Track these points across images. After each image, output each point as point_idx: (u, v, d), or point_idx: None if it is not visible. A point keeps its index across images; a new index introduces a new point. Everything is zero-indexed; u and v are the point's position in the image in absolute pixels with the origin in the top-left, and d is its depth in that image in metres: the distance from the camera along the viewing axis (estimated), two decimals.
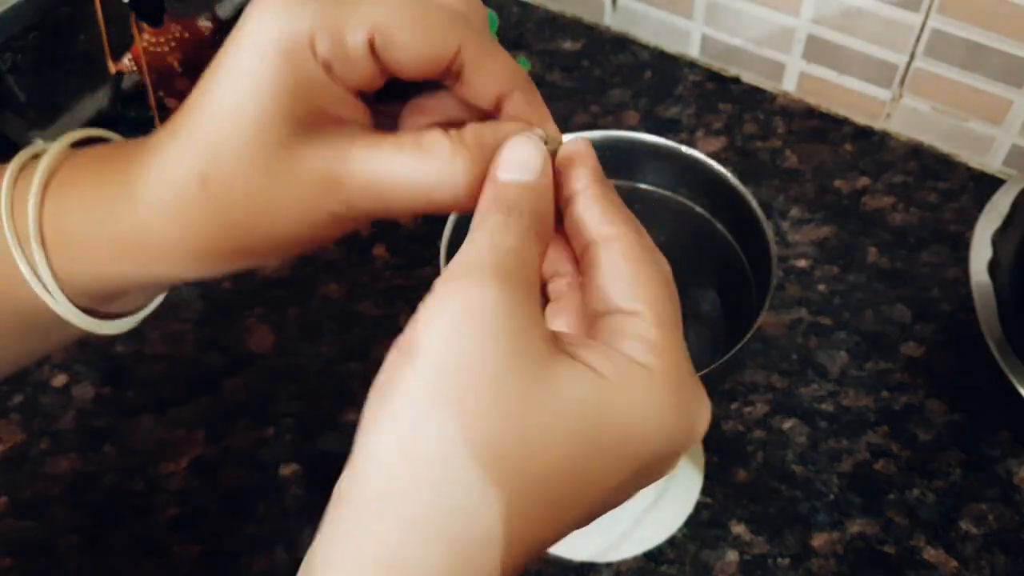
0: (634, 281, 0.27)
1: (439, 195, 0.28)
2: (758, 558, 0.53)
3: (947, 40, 0.64)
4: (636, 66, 0.77)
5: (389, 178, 0.27)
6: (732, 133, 0.72)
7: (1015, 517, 0.54)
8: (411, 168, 0.27)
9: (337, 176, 0.27)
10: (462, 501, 0.23)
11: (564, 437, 0.24)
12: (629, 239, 0.27)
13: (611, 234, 0.28)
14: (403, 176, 0.27)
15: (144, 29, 0.64)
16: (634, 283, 0.27)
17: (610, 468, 0.25)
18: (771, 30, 0.71)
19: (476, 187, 0.28)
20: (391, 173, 0.27)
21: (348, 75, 0.27)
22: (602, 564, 0.52)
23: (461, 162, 0.27)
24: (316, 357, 0.61)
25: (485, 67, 0.28)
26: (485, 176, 0.28)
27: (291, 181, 0.27)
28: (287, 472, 0.56)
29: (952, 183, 0.69)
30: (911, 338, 0.61)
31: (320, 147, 0.27)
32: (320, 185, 0.27)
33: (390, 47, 0.27)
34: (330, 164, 0.27)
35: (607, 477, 0.25)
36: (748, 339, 0.40)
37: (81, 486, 0.56)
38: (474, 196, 0.28)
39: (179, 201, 0.28)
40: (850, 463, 0.56)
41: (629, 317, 0.27)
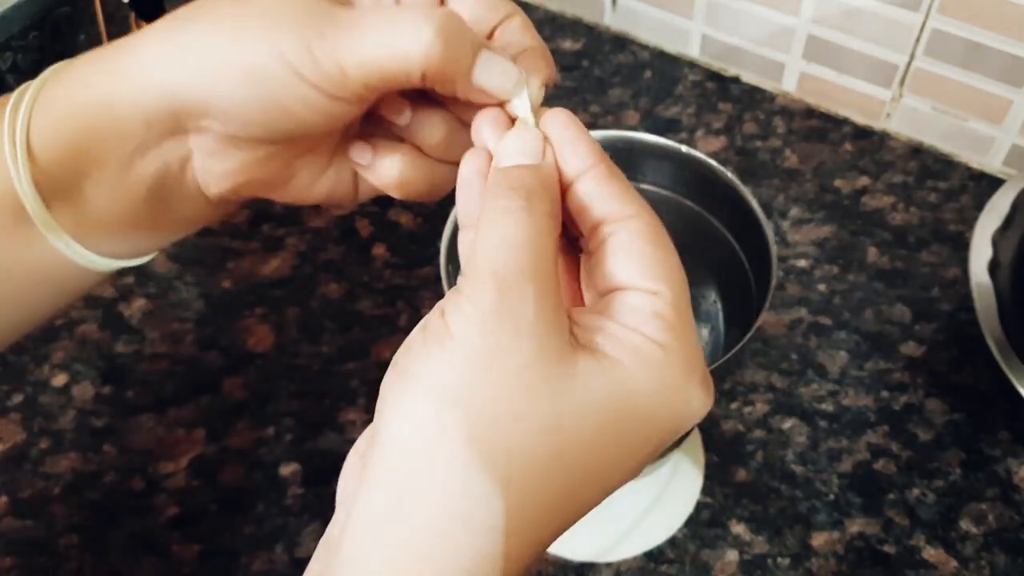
0: (653, 261, 0.27)
1: (414, 53, 0.28)
2: (758, 558, 0.53)
3: (947, 40, 0.64)
4: (636, 66, 0.77)
5: (370, 32, 0.28)
6: (732, 133, 0.72)
7: (1015, 517, 0.54)
8: (390, 21, 0.28)
9: (329, 17, 0.28)
10: (469, 506, 0.24)
11: (589, 433, 0.25)
12: (644, 219, 0.28)
13: (627, 213, 0.28)
14: (382, 30, 0.28)
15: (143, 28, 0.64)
16: (653, 263, 0.27)
17: (626, 455, 0.26)
18: (771, 30, 0.71)
19: (444, 56, 0.28)
20: (375, 29, 0.28)
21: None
22: (602, 564, 0.52)
23: (439, 16, 0.28)
24: (316, 357, 0.61)
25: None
26: (456, 53, 0.28)
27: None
28: (287, 472, 0.56)
29: (952, 183, 0.69)
30: (911, 338, 0.61)
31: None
32: (315, 26, 0.28)
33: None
34: (324, 9, 0.29)
35: (622, 464, 0.26)
36: (748, 339, 0.40)
37: (81, 485, 0.56)
38: (438, 74, 0.28)
39: (170, 59, 0.29)
40: (850, 463, 0.56)
41: (647, 295, 0.27)
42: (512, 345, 0.25)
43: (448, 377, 0.25)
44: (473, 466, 0.24)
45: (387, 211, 0.68)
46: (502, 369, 0.24)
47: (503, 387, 0.24)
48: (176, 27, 0.30)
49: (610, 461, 0.26)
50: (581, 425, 0.25)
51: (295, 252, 0.66)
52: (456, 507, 0.24)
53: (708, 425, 0.57)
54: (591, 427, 0.25)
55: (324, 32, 0.28)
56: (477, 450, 0.24)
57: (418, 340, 0.26)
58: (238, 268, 0.65)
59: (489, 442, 0.24)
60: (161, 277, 0.65)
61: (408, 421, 0.25)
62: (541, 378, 0.25)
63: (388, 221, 0.68)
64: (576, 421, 0.25)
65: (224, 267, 0.65)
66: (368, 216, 0.68)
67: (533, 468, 0.25)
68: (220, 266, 0.65)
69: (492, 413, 0.24)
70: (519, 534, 0.25)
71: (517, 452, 0.24)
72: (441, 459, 0.24)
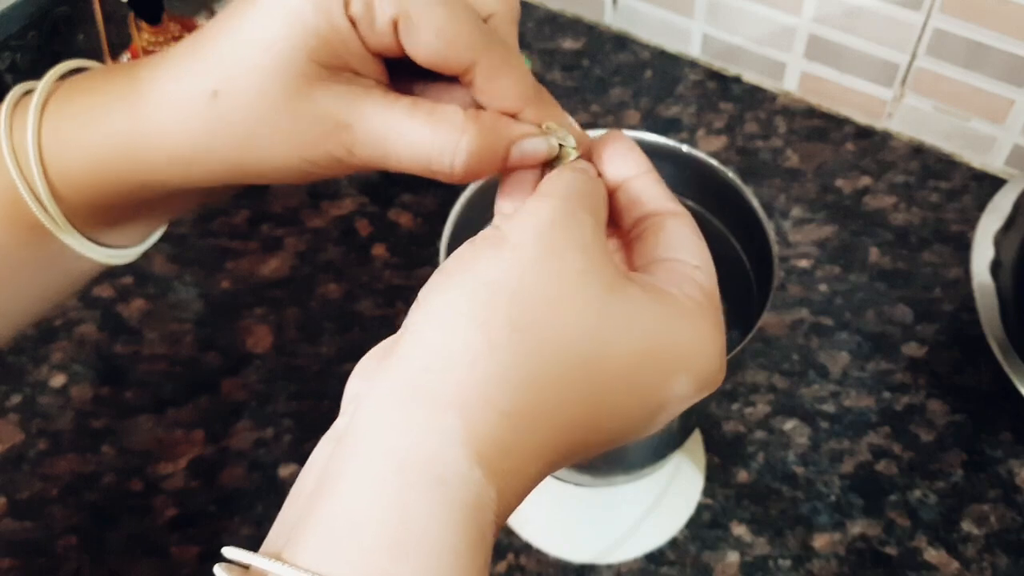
0: (695, 245, 0.30)
1: (439, 164, 0.28)
2: (759, 559, 0.52)
3: (949, 39, 0.64)
4: (637, 65, 0.77)
5: (396, 134, 0.28)
6: (733, 132, 0.72)
7: (1017, 518, 0.54)
8: (420, 130, 0.28)
9: (346, 120, 0.28)
10: (492, 391, 0.24)
11: (627, 352, 0.26)
12: (689, 217, 0.31)
13: (677, 210, 0.30)
14: (410, 135, 0.28)
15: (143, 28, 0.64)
16: (696, 246, 0.30)
17: (651, 393, 0.27)
18: (772, 29, 0.71)
19: (476, 167, 0.29)
20: (400, 130, 0.28)
21: (371, 40, 0.28)
22: (603, 565, 0.52)
23: (469, 138, 0.28)
24: (315, 357, 0.61)
25: (498, 83, 0.29)
26: (488, 160, 0.29)
27: (298, 115, 0.28)
28: (286, 473, 0.56)
29: (954, 183, 0.69)
30: (913, 338, 0.61)
31: (335, 91, 0.28)
32: (326, 125, 0.28)
33: (411, 35, 0.28)
34: (341, 108, 0.28)
35: (645, 402, 0.27)
36: (749, 339, 0.40)
37: (80, 486, 0.56)
38: (470, 176, 0.29)
39: (185, 107, 0.29)
40: (851, 464, 0.56)
41: (690, 267, 0.29)
42: (568, 254, 0.25)
43: (496, 272, 0.25)
44: (507, 350, 0.24)
45: (387, 211, 0.68)
46: (555, 270, 0.25)
47: (554, 286, 0.25)
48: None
49: (639, 392, 0.26)
50: (622, 340, 0.25)
51: (294, 252, 0.66)
52: (481, 391, 0.24)
53: (709, 426, 0.57)
54: (632, 346, 0.26)
55: (353, 149, 0.29)
56: (519, 339, 0.24)
57: (467, 247, 0.26)
58: (237, 268, 0.65)
59: (531, 335, 0.24)
60: (160, 277, 0.65)
61: (449, 308, 0.24)
62: (592, 286, 0.25)
63: (388, 221, 0.67)
64: (619, 336, 0.25)
65: (223, 267, 0.65)
66: (368, 216, 0.68)
67: (568, 373, 0.25)
68: (219, 266, 0.65)
69: (538, 309, 0.24)
70: (535, 430, 0.24)
71: (554, 351, 0.24)
72: (476, 344, 0.24)
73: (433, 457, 0.23)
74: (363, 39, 0.28)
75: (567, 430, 0.25)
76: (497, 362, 0.24)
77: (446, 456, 0.23)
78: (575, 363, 0.25)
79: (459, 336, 0.24)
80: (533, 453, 0.25)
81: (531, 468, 0.25)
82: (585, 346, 0.25)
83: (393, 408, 0.24)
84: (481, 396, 0.24)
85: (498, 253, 0.25)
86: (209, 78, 0.28)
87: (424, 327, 0.25)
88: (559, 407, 0.25)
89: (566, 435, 0.25)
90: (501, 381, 0.24)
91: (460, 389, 0.24)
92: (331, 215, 0.68)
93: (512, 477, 0.24)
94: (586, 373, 0.25)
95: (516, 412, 0.24)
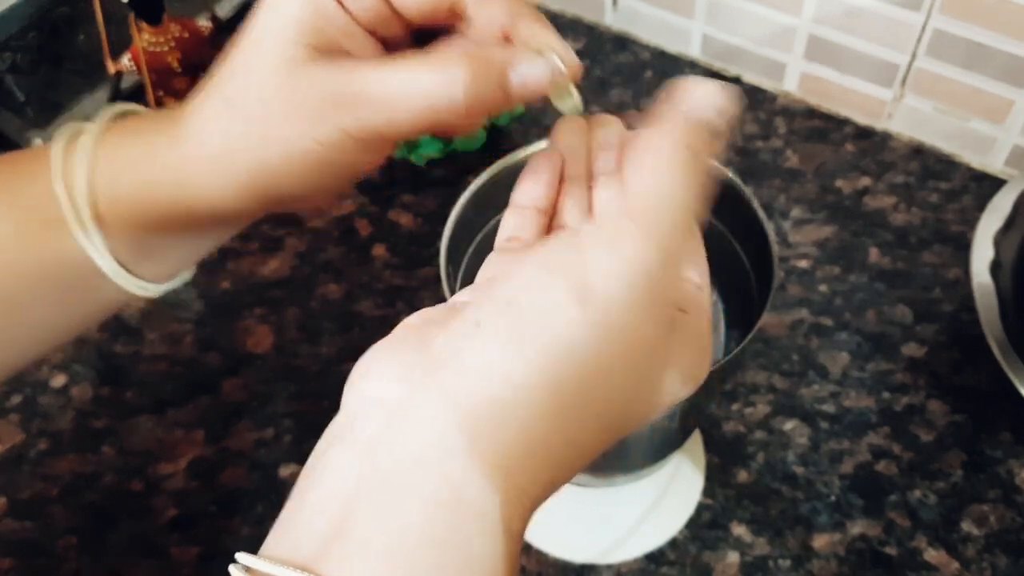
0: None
1: (441, 103, 0.29)
2: (759, 559, 0.52)
3: (949, 40, 0.64)
4: (637, 66, 0.77)
5: (398, 87, 0.29)
6: (733, 133, 0.72)
7: (1017, 518, 0.54)
8: (420, 75, 0.29)
9: (348, 91, 0.29)
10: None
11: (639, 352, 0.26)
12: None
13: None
14: (411, 85, 0.29)
15: (143, 28, 0.64)
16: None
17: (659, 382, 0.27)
18: (772, 30, 0.71)
19: (478, 100, 0.29)
20: (401, 81, 0.29)
21: (360, 12, 0.30)
22: (603, 566, 0.52)
23: (463, 71, 0.29)
24: (316, 357, 0.61)
25: (485, 5, 0.30)
26: (490, 87, 0.29)
27: (303, 97, 0.30)
28: (286, 473, 0.56)
29: (954, 183, 0.69)
30: (912, 339, 0.61)
31: (334, 70, 0.30)
32: (331, 100, 0.29)
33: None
34: (341, 80, 0.30)
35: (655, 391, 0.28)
36: (749, 340, 0.40)
37: (80, 487, 0.56)
38: (475, 110, 0.29)
39: (209, 126, 0.31)
40: (851, 464, 0.56)
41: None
42: (646, 326, 0.26)
43: (577, 335, 0.25)
44: (560, 414, 0.25)
45: (387, 211, 0.68)
46: (629, 340, 0.26)
47: (619, 352, 0.26)
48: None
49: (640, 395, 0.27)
50: (628, 352, 0.26)
51: (294, 252, 0.66)
52: (527, 450, 0.24)
53: (709, 426, 0.57)
54: (635, 354, 0.26)
55: (359, 115, 0.29)
56: (573, 401, 0.25)
57: (564, 268, 0.26)
58: (237, 268, 0.65)
59: (580, 387, 0.25)
60: None
61: (518, 358, 0.25)
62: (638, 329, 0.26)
63: (388, 221, 0.67)
64: (625, 348, 0.26)
65: (223, 267, 0.65)
66: (368, 216, 0.68)
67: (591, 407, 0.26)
68: (219, 266, 0.65)
69: (599, 374, 0.25)
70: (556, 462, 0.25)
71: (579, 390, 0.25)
72: (539, 405, 0.24)
73: (474, 499, 0.23)
74: (354, 16, 0.30)
75: (581, 456, 0.26)
76: (547, 426, 0.25)
77: (485, 502, 0.24)
78: (594, 396, 0.25)
79: (523, 392, 0.24)
80: (553, 477, 0.26)
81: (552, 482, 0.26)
82: (592, 361, 0.25)
83: (438, 441, 0.24)
84: (527, 457, 0.24)
85: (583, 313, 0.25)
86: (223, 89, 0.31)
87: (489, 349, 0.24)
88: (583, 449, 0.26)
89: (580, 462, 0.26)
90: (547, 444, 0.25)
91: (511, 449, 0.24)
92: (331, 215, 0.68)
93: (532, 501, 0.25)
94: (602, 394, 0.26)
95: (552, 463, 0.25)
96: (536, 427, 0.24)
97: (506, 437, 0.24)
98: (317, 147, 0.30)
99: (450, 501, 0.23)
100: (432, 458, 0.23)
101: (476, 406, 0.24)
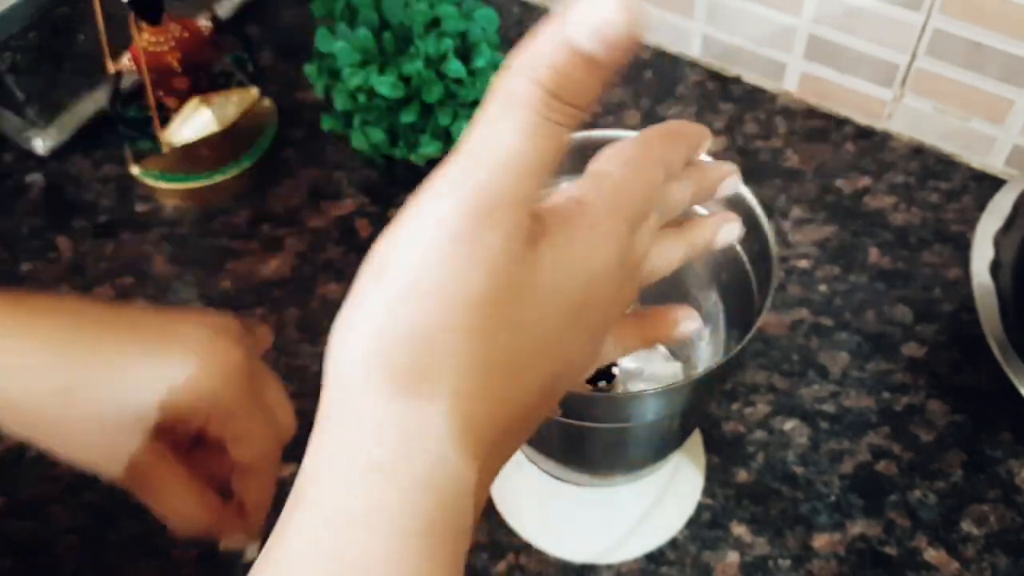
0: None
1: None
2: (759, 559, 0.52)
3: (949, 40, 0.64)
4: (637, 65, 0.77)
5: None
6: (733, 133, 0.72)
7: (1016, 518, 0.54)
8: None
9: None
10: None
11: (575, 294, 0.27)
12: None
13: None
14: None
15: (143, 28, 0.64)
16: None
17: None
18: (772, 29, 0.71)
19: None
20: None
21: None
22: (603, 565, 0.52)
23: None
24: (316, 357, 0.61)
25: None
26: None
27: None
28: (286, 473, 0.56)
29: (954, 183, 0.69)
30: (912, 339, 0.61)
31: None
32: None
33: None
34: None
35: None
36: (749, 339, 0.40)
37: (80, 487, 0.56)
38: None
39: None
40: (851, 464, 0.56)
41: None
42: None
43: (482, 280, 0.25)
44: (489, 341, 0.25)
45: (387, 211, 0.68)
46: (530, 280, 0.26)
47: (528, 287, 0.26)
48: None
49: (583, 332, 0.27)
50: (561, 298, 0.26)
51: (295, 252, 0.66)
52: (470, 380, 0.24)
53: (709, 426, 0.57)
54: (572, 296, 0.27)
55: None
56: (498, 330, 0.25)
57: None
58: (238, 268, 0.65)
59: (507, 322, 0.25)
60: (161, 277, 0.65)
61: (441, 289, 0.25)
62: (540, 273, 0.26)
63: (388, 221, 0.67)
64: (558, 296, 0.26)
65: (224, 267, 0.65)
66: (368, 216, 0.68)
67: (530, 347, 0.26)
68: (220, 266, 0.65)
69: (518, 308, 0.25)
70: (510, 407, 0.25)
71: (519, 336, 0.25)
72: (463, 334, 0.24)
73: (419, 452, 0.23)
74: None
75: (535, 403, 0.26)
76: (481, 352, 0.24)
77: (432, 451, 0.23)
78: (536, 346, 0.26)
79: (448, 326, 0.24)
80: (509, 434, 0.26)
81: (506, 444, 0.26)
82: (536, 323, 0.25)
83: (375, 399, 0.24)
84: (472, 386, 0.24)
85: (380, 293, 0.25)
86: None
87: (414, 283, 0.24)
88: (527, 386, 0.26)
89: (535, 409, 0.27)
90: (484, 369, 0.24)
91: (450, 376, 0.24)
92: (331, 215, 0.68)
93: (492, 455, 0.25)
94: (544, 345, 0.26)
95: (500, 398, 0.25)
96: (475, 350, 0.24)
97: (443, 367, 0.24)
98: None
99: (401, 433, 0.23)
100: (363, 430, 0.24)
101: (399, 362, 0.24)
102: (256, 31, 0.79)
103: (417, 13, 0.63)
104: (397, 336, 0.23)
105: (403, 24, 0.63)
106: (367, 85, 0.62)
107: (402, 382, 0.23)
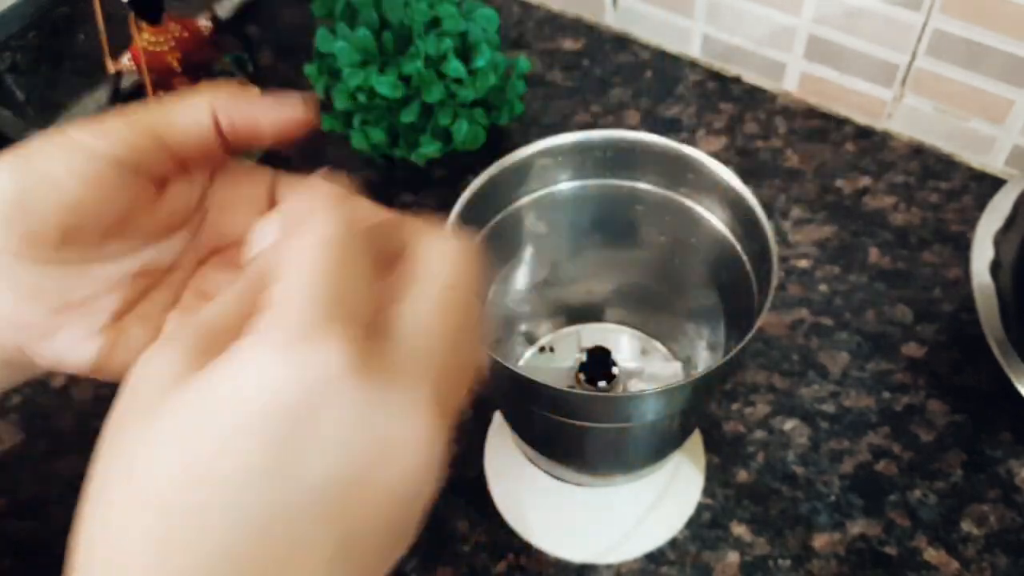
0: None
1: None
2: (759, 559, 0.52)
3: (949, 40, 0.64)
4: (637, 65, 0.77)
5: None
6: (733, 133, 0.72)
7: (1017, 518, 0.54)
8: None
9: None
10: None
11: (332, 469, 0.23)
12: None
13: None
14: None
15: (143, 28, 0.64)
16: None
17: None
18: (772, 29, 0.71)
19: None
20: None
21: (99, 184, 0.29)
22: (603, 565, 0.52)
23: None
24: None
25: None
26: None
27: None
28: None
29: (954, 183, 0.69)
30: (912, 338, 0.61)
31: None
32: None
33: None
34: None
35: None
36: (749, 339, 0.40)
37: (80, 487, 0.56)
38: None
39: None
40: (851, 464, 0.56)
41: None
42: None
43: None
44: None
45: None
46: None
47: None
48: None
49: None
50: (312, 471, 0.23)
51: None
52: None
53: (709, 426, 0.57)
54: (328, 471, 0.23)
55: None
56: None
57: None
58: None
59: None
60: None
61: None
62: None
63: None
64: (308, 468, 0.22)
65: None
66: None
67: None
68: None
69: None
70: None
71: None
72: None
73: None
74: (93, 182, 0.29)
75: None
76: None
77: None
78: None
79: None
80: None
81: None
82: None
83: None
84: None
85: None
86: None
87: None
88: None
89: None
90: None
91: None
92: None
93: None
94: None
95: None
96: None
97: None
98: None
99: None
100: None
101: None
102: (256, 31, 0.79)
103: (417, 13, 0.63)
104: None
105: (403, 24, 0.63)
106: (367, 85, 0.62)
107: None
